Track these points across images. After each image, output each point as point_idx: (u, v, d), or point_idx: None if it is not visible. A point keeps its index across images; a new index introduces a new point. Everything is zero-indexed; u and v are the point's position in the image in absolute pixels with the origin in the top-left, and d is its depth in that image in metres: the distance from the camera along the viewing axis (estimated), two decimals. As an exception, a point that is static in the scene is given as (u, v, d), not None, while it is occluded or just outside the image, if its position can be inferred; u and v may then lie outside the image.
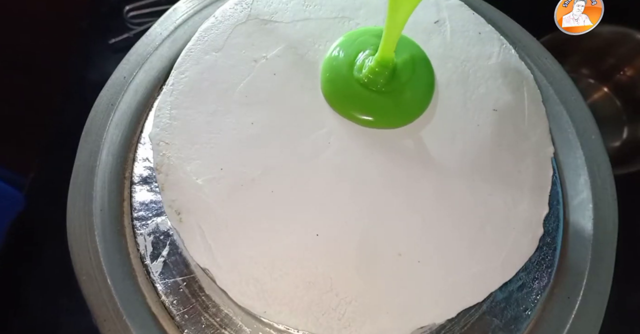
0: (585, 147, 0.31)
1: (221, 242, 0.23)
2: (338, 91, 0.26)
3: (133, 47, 0.32)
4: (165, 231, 0.28)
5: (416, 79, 0.26)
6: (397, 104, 0.26)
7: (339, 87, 0.26)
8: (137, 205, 0.28)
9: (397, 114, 0.26)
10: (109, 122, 0.30)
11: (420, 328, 0.22)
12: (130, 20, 0.39)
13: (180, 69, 0.26)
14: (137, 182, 0.29)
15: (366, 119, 0.25)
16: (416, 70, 0.26)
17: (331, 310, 0.22)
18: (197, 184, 0.24)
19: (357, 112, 0.25)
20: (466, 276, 0.23)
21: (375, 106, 0.25)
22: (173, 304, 0.26)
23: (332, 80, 0.26)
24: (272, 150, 0.24)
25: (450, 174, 0.25)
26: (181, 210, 0.23)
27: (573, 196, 0.30)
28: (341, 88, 0.26)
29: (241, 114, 0.25)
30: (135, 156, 0.29)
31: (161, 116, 0.25)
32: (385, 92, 0.25)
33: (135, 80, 0.31)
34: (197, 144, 0.24)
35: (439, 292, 0.22)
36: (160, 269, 0.27)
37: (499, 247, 0.23)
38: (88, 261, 0.26)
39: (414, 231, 0.23)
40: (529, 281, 0.27)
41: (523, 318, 0.27)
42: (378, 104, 0.25)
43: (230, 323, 0.26)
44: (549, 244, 0.28)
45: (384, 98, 0.25)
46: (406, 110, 0.26)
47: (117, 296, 0.26)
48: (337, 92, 0.26)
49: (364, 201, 0.24)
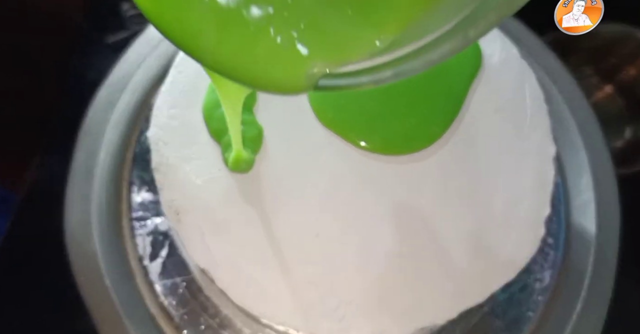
0: (587, 146, 0.31)
1: (220, 243, 0.22)
2: (329, 99, 0.25)
3: (131, 47, 0.32)
4: (164, 231, 0.27)
5: None
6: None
7: (333, 96, 0.25)
8: (136, 205, 0.28)
9: None
10: (107, 121, 0.30)
11: (421, 328, 0.22)
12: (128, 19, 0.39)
13: (179, 68, 0.26)
14: (135, 182, 0.29)
15: None
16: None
17: (331, 311, 0.22)
18: (196, 184, 0.23)
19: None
20: (467, 277, 0.23)
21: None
22: (172, 305, 0.26)
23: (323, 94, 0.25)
24: (272, 148, 0.24)
25: (451, 174, 0.24)
26: (180, 210, 0.23)
27: (575, 196, 0.30)
28: (333, 97, 0.25)
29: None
30: (134, 156, 0.29)
31: (160, 115, 0.25)
32: None
33: (133, 79, 0.31)
34: (196, 143, 0.24)
35: (440, 292, 0.22)
36: (159, 270, 0.27)
37: (500, 247, 0.23)
38: (86, 262, 0.26)
39: (414, 231, 0.23)
40: (531, 282, 0.27)
41: (525, 318, 0.27)
42: None
43: (230, 324, 0.26)
44: (551, 244, 0.28)
45: None
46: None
47: (116, 297, 0.26)
48: (327, 101, 0.25)
49: (364, 201, 0.24)
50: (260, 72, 0.14)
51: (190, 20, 0.14)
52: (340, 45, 0.14)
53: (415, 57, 0.13)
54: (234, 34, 0.14)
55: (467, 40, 0.12)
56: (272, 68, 0.14)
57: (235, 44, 0.14)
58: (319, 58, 0.14)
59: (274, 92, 0.14)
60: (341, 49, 0.14)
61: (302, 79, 0.14)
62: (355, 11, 0.14)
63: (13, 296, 0.34)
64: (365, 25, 0.14)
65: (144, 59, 0.31)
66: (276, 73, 0.14)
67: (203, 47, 0.14)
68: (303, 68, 0.14)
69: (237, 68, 0.14)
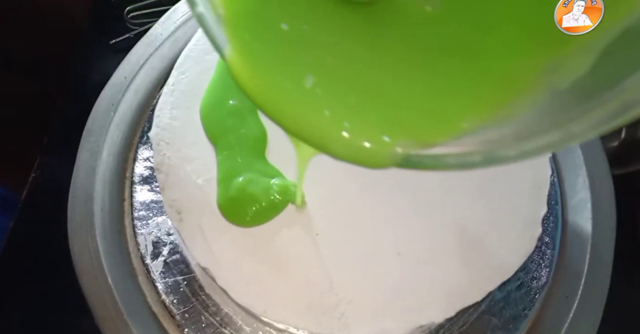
0: (583, 147, 0.31)
1: (221, 242, 0.23)
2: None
3: (134, 48, 0.32)
4: (166, 230, 0.28)
5: None
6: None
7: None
8: (138, 205, 0.28)
9: None
10: (110, 122, 0.30)
11: (420, 327, 0.22)
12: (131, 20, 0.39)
13: (181, 69, 0.26)
14: (137, 182, 0.29)
15: None
16: None
17: (331, 309, 0.22)
18: (198, 184, 0.24)
19: None
20: (465, 276, 0.23)
21: None
22: (173, 303, 0.26)
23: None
24: (274, 148, 0.24)
25: (449, 174, 0.25)
26: (182, 209, 0.23)
27: (571, 195, 0.30)
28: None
29: (241, 114, 0.25)
30: (136, 156, 0.29)
31: (162, 115, 0.25)
32: None
33: (135, 80, 0.31)
34: (197, 143, 0.24)
35: (438, 291, 0.22)
36: (161, 269, 0.27)
37: (497, 246, 0.23)
38: (89, 261, 0.27)
39: (414, 231, 0.23)
40: (528, 281, 0.27)
41: (522, 317, 0.27)
42: None
43: (230, 322, 0.26)
44: (548, 243, 0.28)
45: None
46: None
47: (118, 296, 0.26)
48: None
49: (364, 201, 0.24)
50: (343, 151, 0.14)
51: (283, 102, 0.15)
52: (424, 128, 0.14)
53: (509, 144, 0.12)
54: (321, 118, 0.14)
55: (569, 137, 0.11)
56: (355, 150, 0.14)
57: (321, 126, 0.14)
58: (402, 141, 0.14)
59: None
60: (425, 132, 0.14)
61: (385, 158, 0.14)
62: (441, 92, 0.14)
63: (16, 295, 0.34)
64: (452, 109, 0.14)
65: (146, 60, 0.32)
66: (359, 154, 0.14)
67: (292, 124, 0.15)
68: (387, 150, 0.14)
69: (323, 146, 0.14)
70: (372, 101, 0.14)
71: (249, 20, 0.15)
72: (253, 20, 0.15)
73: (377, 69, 0.15)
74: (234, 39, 0.14)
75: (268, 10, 0.15)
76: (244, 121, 0.24)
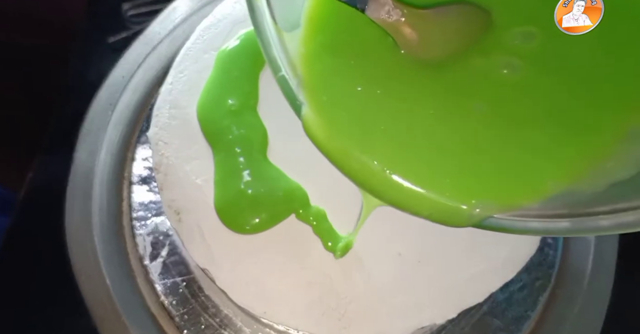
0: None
1: (220, 242, 0.22)
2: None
3: (131, 46, 0.32)
4: (165, 231, 0.28)
5: None
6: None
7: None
8: (136, 205, 0.28)
9: None
10: (108, 121, 0.30)
11: (421, 328, 0.22)
12: (128, 19, 0.39)
13: (179, 68, 0.26)
14: (136, 182, 0.29)
15: None
16: None
17: (331, 310, 0.22)
18: (197, 184, 0.23)
19: None
20: (466, 277, 0.23)
21: None
22: (172, 304, 0.26)
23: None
24: (275, 147, 0.24)
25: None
26: (180, 210, 0.23)
27: (574, 195, 0.30)
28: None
29: (240, 113, 0.25)
30: (134, 156, 0.29)
31: (160, 115, 0.25)
32: None
33: (133, 79, 0.31)
34: (196, 143, 0.24)
35: (439, 292, 0.22)
36: (160, 270, 0.27)
37: (499, 247, 0.23)
38: (87, 261, 0.26)
39: (414, 231, 0.23)
40: (530, 282, 0.27)
41: (524, 318, 0.27)
42: None
43: (230, 324, 0.26)
44: (550, 244, 0.28)
45: None
46: None
47: (116, 296, 0.26)
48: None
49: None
50: (426, 212, 0.15)
51: (365, 170, 0.16)
52: (508, 192, 0.14)
53: (601, 214, 0.11)
54: (402, 184, 0.15)
55: None
56: (438, 212, 0.14)
57: (402, 188, 0.15)
58: (484, 203, 0.14)
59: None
60: (509, 195, 0.14)
61: (464, 219, 0.14)
62: (525, 156, 0.14)
63: (14, 295, 0.34)
64: (538, 172, 0.14)
65: (144, 59, 0.31)
66: (440, 216, 0.14)
67: (372, 185, 0.16)
68: (466, 211, 0.14)
69: (404, 207, 0.15)
70: (453, 164, 0.14)
71: (327, 82, 0.15)
72: (331, 83, 0.15)
73: (455, 133, 0.15)
74: (312, 100, 0.15)
75: (345, 72, 0.15)
76: (243, 120, 0.24)
